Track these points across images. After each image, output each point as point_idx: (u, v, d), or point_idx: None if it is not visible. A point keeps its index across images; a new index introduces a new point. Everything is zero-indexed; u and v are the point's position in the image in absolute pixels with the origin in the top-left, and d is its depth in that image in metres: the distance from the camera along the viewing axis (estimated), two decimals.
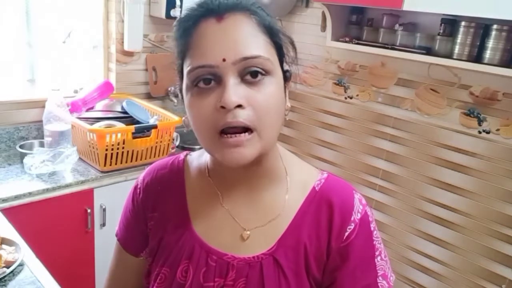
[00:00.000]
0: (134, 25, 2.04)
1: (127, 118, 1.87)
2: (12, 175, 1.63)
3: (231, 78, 0.58)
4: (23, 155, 1.69)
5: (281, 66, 0.64)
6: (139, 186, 0.78)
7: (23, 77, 1.96)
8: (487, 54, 1.53)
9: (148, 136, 1.82)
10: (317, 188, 0.70)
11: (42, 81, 2.00)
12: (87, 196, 1.67)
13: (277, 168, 0.70)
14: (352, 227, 0.66)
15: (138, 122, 1.85)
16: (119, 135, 1.73)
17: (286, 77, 0.66)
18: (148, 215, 0.76)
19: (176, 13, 2.08)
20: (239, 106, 0.57)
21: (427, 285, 1.92)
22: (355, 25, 1.99)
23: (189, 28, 0.61)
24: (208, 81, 0.59)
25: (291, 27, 2.25)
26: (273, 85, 0.60)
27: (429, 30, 1.76)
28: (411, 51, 1.70)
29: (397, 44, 1.79)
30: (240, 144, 0.58)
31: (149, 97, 2.28)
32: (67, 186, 1.61)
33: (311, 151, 2.31)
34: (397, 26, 1.80)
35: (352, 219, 0.67)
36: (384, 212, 2.03)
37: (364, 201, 0.70)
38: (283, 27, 0.65)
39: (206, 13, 0.60)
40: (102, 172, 1.73)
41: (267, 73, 0.60)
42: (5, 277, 1.00)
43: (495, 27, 1.51)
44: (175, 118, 1.95)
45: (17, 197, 1.48)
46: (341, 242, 0.66)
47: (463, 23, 1.58)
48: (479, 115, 1.68)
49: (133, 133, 1.76)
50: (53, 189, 1.57)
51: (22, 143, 1.81)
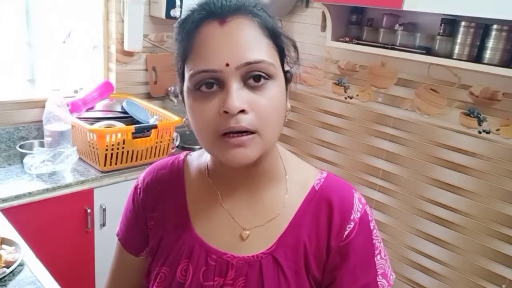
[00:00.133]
0: (134, 25, 2.04)
1: (127, 118, 1.87)
2: (12, 175, 1.63)
3: (234, 82, 0.57)
4: (23, 155, 1.69)
5: (282, 67, 0.64)
6: (139, 186, 0.78)
7: (23, 77, 1.95)
8: (487, 54, 1.53)
9: (148, 136, 1.82)
10: (316, 187, 0.70)
11: (42, 81, 2.00)
12: (87, 196, 1.67)
13: (277, 168, 0.70)
14: (351, 226, 0.66)
15: (138, 122, 1.85)
16: (119, 135, 1.73)
17: (287, 78, 0.65)
18: (148, 215, 0.76)
19: (176, 13, 2.08)
20: (242, 111, 0.57)
21: (427, 285, 1.92)
22: (355, 25, 1.99)
23: (191, 30, 0.60)
24: (210, 85, 0.58)
25: (291, 27, 2.25)
26: (275, 88, 0.60)
27: (429, 30, 1.76)
28: (411, 51, 1.70)
29: (397, 44, 1.79)
30: (242, 144, 0.58)
31: (149, 97, 2.28)
32: (67, 186, 1.61)
33: (311, 151, 2.31)
34: (397, 26, 1.80)
35: (351, 218, 0.67)
36: (384, 212, 2.03)
37: (363, 200, 0.70)
38: (283, 28, 0.65)
39: (208, 15, 0.59)
40: (102, 172, 1.73)
41: (269, 77, 0.60)
42: (5, 277, 1.00)
43: (495, 27, 1.51)
44: (175, 118, 1.95)
45: (17, 197, 1.48)
46: (340, 241, 0.66)
47: (463, 23, 1.58)
48: (479, 115, 1.68)
49: (133, 133, 1.76)
50: (53, 189, 1.57)
51: (22, 143, 1.81)
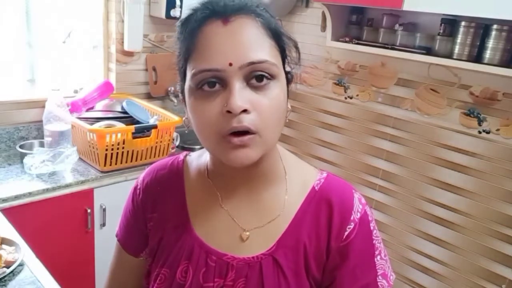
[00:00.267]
0: (134, 25, 2.04)
1: (127, 118, 1.87)
2: (12, 175, 1.63)
3: (237, 82, 0.57)
4: (23, 155, 1.69)
5: (283, 67, 0.64)
6: (138, 186, 0.78)
7: (23, 77, 1.95)
8: (487, 54, 1.53)
9: (148, 136, 1.82)
10: (316, 188, 0.70)
11: (42, 81, 2.00)
12: (87, 196, 1.67)
13: (277, 168, 0.70)
14: (351, 227, 0.66)
15: (138, 122, 1.85)
16: (119, 135, 1.73)
17: (288, 78, 0.65)
18: (147, 216, 0.76)
19: (176, 13, 2.08)
20: (244, 110, 0.57)
21: (427, 285, 1.92)
22: (355, 25, 1.99)
23: (194, 29, 0.60)
24: (212, 84, 0.58)
25: (291, 27, 2.25)
26: (277, 88, 0.60)
27: (429, 30, 1.76)
28: (411, 51, 1.70)
29: (397, 44, 1.79)
30: (244, 144, 0.58)
31: (149, 97, 2.28)
32: (67, 186, 1.61)
33: (311, 151, 2.31)
34: (397, 26, 1.80)
35: (351, 218, 0.67)
36: (384, 212, 2.03)
37: (363, 201, 0.70)
38: (284, 28, 0.65)
39: (211, 14, 0.59)
40: (102, 172, 1.73)
41: (272, 77, 0.60)
42: (5, 277, 1.01)
43: (495, 27, 1.51)
44: (175, 118, 1.95)
45: (17, 197, 1.48)
46: (340, 241, 0.66)
47: (463, 23, 1.58)
48: (479, 115, 1.68)
49: (133, 133, 1.76)
50: (53, 189, 1.57)
51: (22, 143, 1.81)
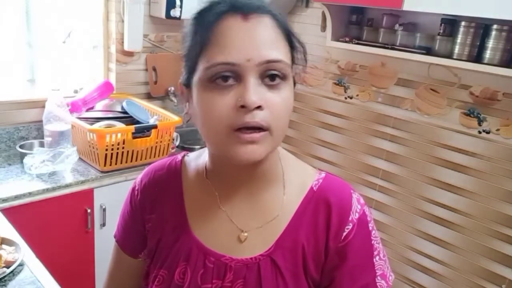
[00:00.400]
0: (134, 25, 2.04)
1: (127, 118, 1.86)
2: (12, 175, 1.63)
3: (252, 78, 0.58)
4: (23, 155, 1.69)
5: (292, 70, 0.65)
6: (136, 187, 0.78)
7: (23, 77, 1.95)
8: (487, 54, 1.53)
9: (148, 136, 1.82)
10: (315, 188, 0.69)
11: (42, 81, 2.00)
12: (87, 196, 1.67)
13: (276, 168, 0.70)
14: (350, 227, 0.66)
15: (138, 122, 1.85)
16: (119, 135, 1.73)
17: (294, 81, 0.66)
18: (145, 217, 0.76)
19: (176, 13, 2.08)
20: (258, 107, 0.57)
21: (427, 285, 1.92)
22: (355, 25, 1.99)
23: (212, 22, 0.59)
24: (226, 78, 0.58)
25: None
26: (288, 89, 0.61)
27: (429, 30, 1.76)
28: (411, 51, 1.70)
29: (397, 44, 1.79)
30: (254, 141, 0.58)
31: (149, 97, 2.28)
32: (67, 186, 1.61)
33: (311, 151, 2.31)
34: (397, 26, 1.80)
35: (350, 219, 0.66)
36: (384, 212, 2.03)
37: (362, 201, 0.70)
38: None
39: (231, 9, 0.59)
40: (102, 172, 1.73)
41: (284, 78, 0.60)
42: (5, 277, 1.00)
43: (495, 27, 1.51)
44: (175, 118, 1.95)
45: (17, 197, 1.48)
46: (339, 242, 0.66)
47: (463, 23, 1.58)
48: (479, 115, 1.68)
49: (133, 133, 1.76)
50: (53, 189, 1.57)
51: (22, 143, 1.81)
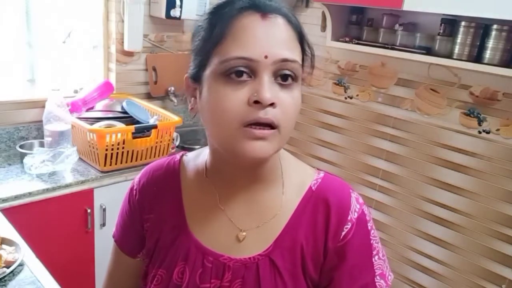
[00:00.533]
0: (134, 25, 2.04)
1: (127, 118, 1.86)
2: (12, 175, 1.63)
3: (267, 75, 0.58)
4: (23, 155, 1.69)
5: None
6: (135, 187, 0.78)
7: (23, 77, 1.95)
8: (487, 54, 1.53)
9: (148, 136, 1.82)
10: (313, 187, 0.69)
11: (42, 81, 2.00)
12: (87, 196, 1.67)
13: (276, 168, 0.70)
14: (349, 227, 0.66)
15: (138, 122, 1.85)
16: (119, 135, 1.73)
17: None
18: (144, 217, 0.76)
19: (176, 13, 2.08)
20: (271, 104, 0.58)
21: (427, 285, 1.92)
22: (355, 25, 1.99)
23: (231, 16, 0.60)
24: (240, 73, 0.59)
25: None
26: (298, 90, 0.62)
27: (429, 30, 1.76)
28: (411, 51, 1.70)
29: (397, 44, 1.79)
30: (264, 137, 0.59)
31: (149, 97, 2.28)
32: (67, 186, 1.61)
33: (311, 151, 2.31)
34: (397, 26, 1.80)
35: (349, 218, 0.66)
36: (384, 212, 2.03)
37: (361, 200, 0.70)
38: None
39: (251, 7, 0.60)
40: (102, 172, 1.73)
41: (296, 79, 0.61)
42: (5, 277, 1.00)
43: (495, 27, 1.51)
44: (175, 118, 1.95)
45: (17, 197, 1.48)
46: (338, 241, 0.66)
47: (463, 23, 1.58)
48: (479, 115, 1.68)
49: (133, 133, 1.76)
50: (53, 189, 1.57)
51: (22, 143, 1.81)
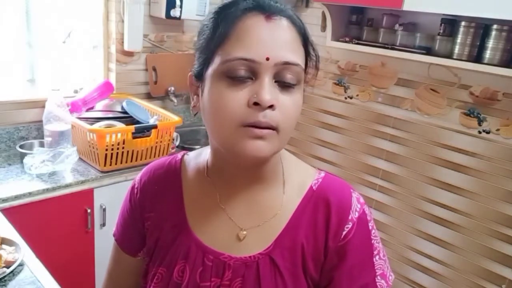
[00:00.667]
0: (134, 25, 2.04)
1: (127, 118, 1.86)
2: (12, 175, 1.63)
3: (268, 77, 0.58)
4: (23, 155, 1.69)
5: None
6: (136, 186, 0.78)
7: (23, 77, 1.95)
8: (487, 54, 1.53)
9: (148, 136, 1.82)
10: (314, 187, 0.69)
11: (42, 81, 2.00)
12: (87, 196, 1.67)
13: (277, 168, 0.70)
14: (349, 226, 0.66)
15: (138, 122, 1.85)
16: (119, 135, 1.73)
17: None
18: (145, 215, 0.76)
19: (176, 13, 2.08)
20: (270, 106, 0.58)
21: (427, 285, 1.92)
22: (355, 25, 1.99)
23: (235, 17, 0.60)
24: (241, 74, 0.59)
25: None
26: (299, 94, 0.62)
27: (429, 30, 1.76)
28: (411, 51, 1.70)
29: (397, 44, 1.79)
30: (263, 137, 0.59)
31: (149, 97, 2.28)
32: (67, 186, 1.61)
33: (311, 151, 2.31)
34: (397, 26, 1.80)
35: (349, 218, 0.66)
36: (384, 212, 2.03)
37: (362, 200, 0.69)
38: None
39: (255, 8, 0.60)
40: (102, 172, 1.73)
41: (297, 82, 0.61)
42: (5, 277, 1.00)
43: (495, 27, 1.51)
44: (175, 118, 1.95)
45: (17, 197, 1.48)
46: (338, 241, 0.66)
47: (463, 23, 1.58)
48: (479, 115, 1.68)
49: (133, 133, 1.76)
50: (53, 189, 1.57)
51: (22, 143, 1.81)
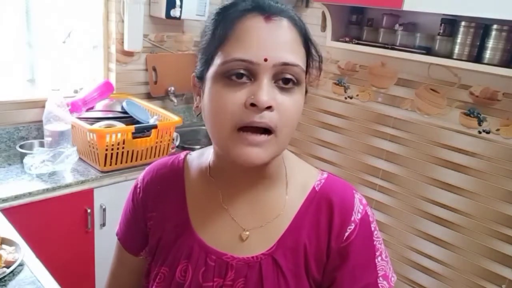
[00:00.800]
0: (134, 25, 2.03)
1: (127, 118, 1.86)
2: (12, 175, 1.63)
3: (266, 78, 0.58)
4: (23, 155, 1.69)
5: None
6: (139, 185, 0.78)
7: (23, 77, 1.95)
8: (487, 54, 1.54)
9: (148, 136, 1.82)
10: (317, 188, 0.69)
11: (42, 81, 1.99)
12: (87, 196, 1.67)
13: (279, 169, 0.70)
14: (352, 227, 0.66)
15: (138, 122, 1.85)
16: (119, 135, 1.73)
17: (306, 88, 0.66)
18: (147, 215, 0.76)
19: (176, 13, 2.08)
20: (268, 107, 0.57)
21: (427, 285, 1.92)
22: (355, 25, 1.99)
23: (235, 18, 0.60)
24: (240, 75, 0.59)
25: None
26: (299, 95, 0.62)
27: (429, 30, 1.76)
28: (411, 51, 1.70)
29: (397, 44, 1.80)
30: (258, 144, 0.58)
31: (149, 97, 2.28)
32: (67, 186, 1.61)
33: (311, 151, 2.31)
34: (397, 26, 1.80)
35: (352, 219, 0.66)
36: (384, 212, 2.03)
37: (364, 201, 0.69)
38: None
39: (255, 9, 0.60)
40: (102, 172, 1.72)
41: (297, 83, 0.61)
42: (5, 277, 1.00)
43: (495, 27, 1.51)
44: (175, 118, 1.95)
45: (17, 197, 1.48)
46: (341, 242, 0.66)
47: (463, 23, 1.58)
48: (479, 115, 1.68)
49: (133, 133, 1.76)
50: (53, 189, 1.57)
51: (22, 143, 1.81)
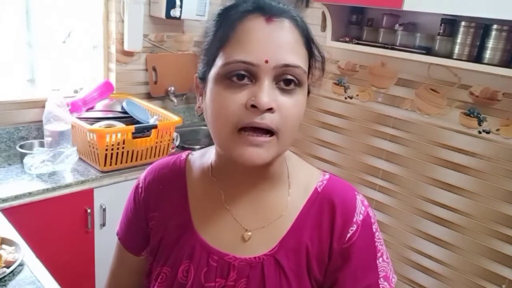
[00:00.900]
0: (134, 25, 2.03)
1: (127, 118, 1.86)
2: (12, 175, 1.63)
3: (267, 80, 0.58)
4: (23, 155, 1.69)
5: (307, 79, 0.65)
6: (140, 185, 0.78)
7: (23, 77, 1.95)
8: (487, 54, 1.54)
9: (148, 136, 1.82)
10: (319, 189, 0.70)
11: (42, 81, 1.99)
12: (87, 196, 1.67)
13: (282, 169, 0.70)
14: (354, 229, 0.66)
15: (138, 122, 1.85)
16: (119, 135, 1.73)
17: (308, 90, 0.66)
18: (149, 214, 0.76)
19: (176, 13, 2.08)
20: (269, 109, 0.57)
21: (427, 285, 1.92)
22: (355, 25, 1.99)
23: (236, 19, 0.60)
24: (241, 77, 0.59)
25: None
26: (301, 96, 0.61)
27: (429, 30, 1.77)
28: (411, 51, 1.70)
29: (397, 44, 1.80)
30: (259, 145, 0.59)
31: (149, 97, 2.28)
32: (67, 186, 1.61)
33: (311, 151, 2.31)
34: (397, 26, 1.81)
35: (354, 220, 0.66)
36: (384, 212, 2.03)
37: (366, 202, 0.70)
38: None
39: (256, 10, 0.60)
40: (102, 172, 1.72)
41: (299, 84, 0.60)
42: (5, 277, 1.00)
43: (495, 27, 1.52)
44: (175, 118, 1.94)
45: (17, 197, 1.48)
46: (343, 243, 0.66)
47: (463, 23, 1.58)
48: (479, 115, 1.68)
49: (133, 133, 1.76)
50: (53, 189, 1.57)
51: (22, 143, 1.80)
